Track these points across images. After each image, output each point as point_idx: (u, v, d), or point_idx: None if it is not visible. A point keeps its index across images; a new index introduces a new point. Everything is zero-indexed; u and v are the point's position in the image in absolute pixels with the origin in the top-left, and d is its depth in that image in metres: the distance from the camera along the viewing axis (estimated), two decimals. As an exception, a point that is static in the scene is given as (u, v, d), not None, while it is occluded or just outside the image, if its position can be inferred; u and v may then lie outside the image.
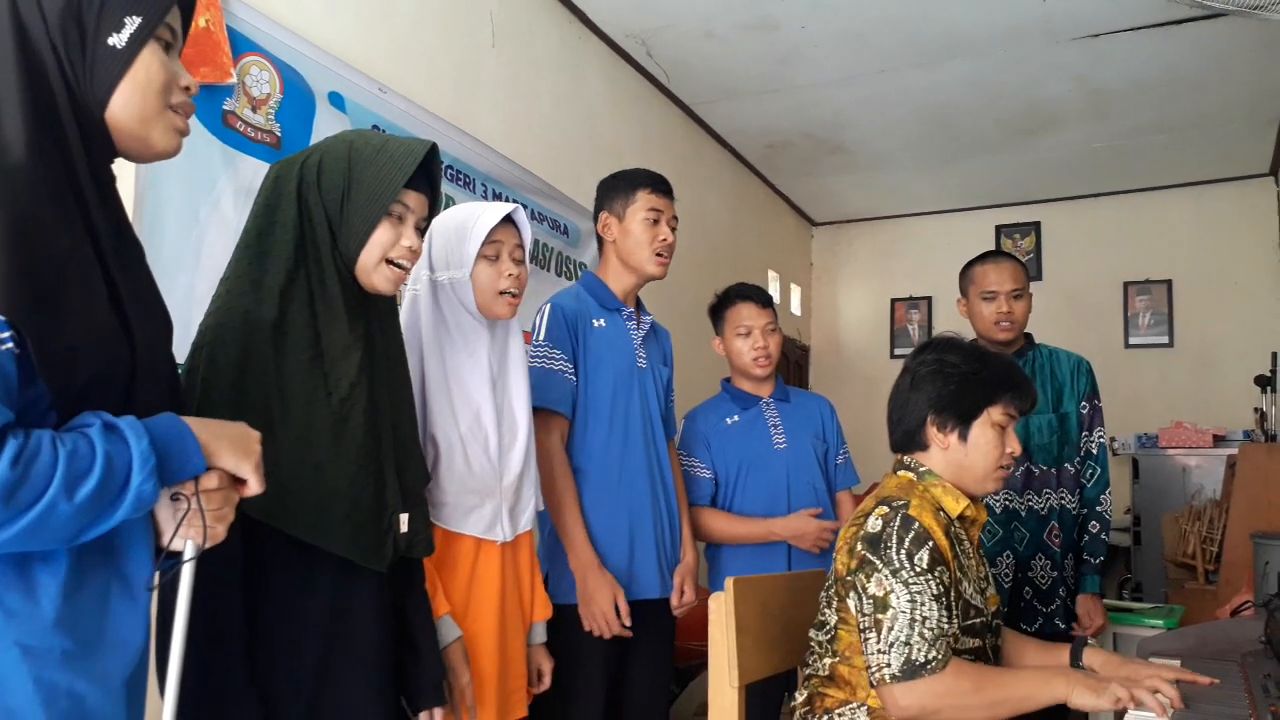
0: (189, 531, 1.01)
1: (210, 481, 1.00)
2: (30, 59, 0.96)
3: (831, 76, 4.28)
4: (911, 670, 1.49)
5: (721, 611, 1.71)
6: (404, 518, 1.43)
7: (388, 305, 1.51)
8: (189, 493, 0.99)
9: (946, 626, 1.54)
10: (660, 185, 2.27)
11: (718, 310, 2.62)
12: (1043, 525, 2.54)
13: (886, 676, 1.51)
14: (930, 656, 1.50)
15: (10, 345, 0.86)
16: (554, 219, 3.50)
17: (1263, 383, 4.48)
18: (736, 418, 2.56)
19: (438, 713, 1.50)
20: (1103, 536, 2.55)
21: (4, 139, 0.92)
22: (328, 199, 1.38)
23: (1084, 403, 2.60)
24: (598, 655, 2.04)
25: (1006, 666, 1.79)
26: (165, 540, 1.01)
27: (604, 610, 2.01)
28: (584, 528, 2.06)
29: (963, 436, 1.70)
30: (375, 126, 2.62)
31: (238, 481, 1.05)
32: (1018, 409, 1.73)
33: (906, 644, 1.50)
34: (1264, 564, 2.30)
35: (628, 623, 2.04)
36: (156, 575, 1.03)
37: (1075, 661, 1.71)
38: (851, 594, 1.61)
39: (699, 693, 3.43)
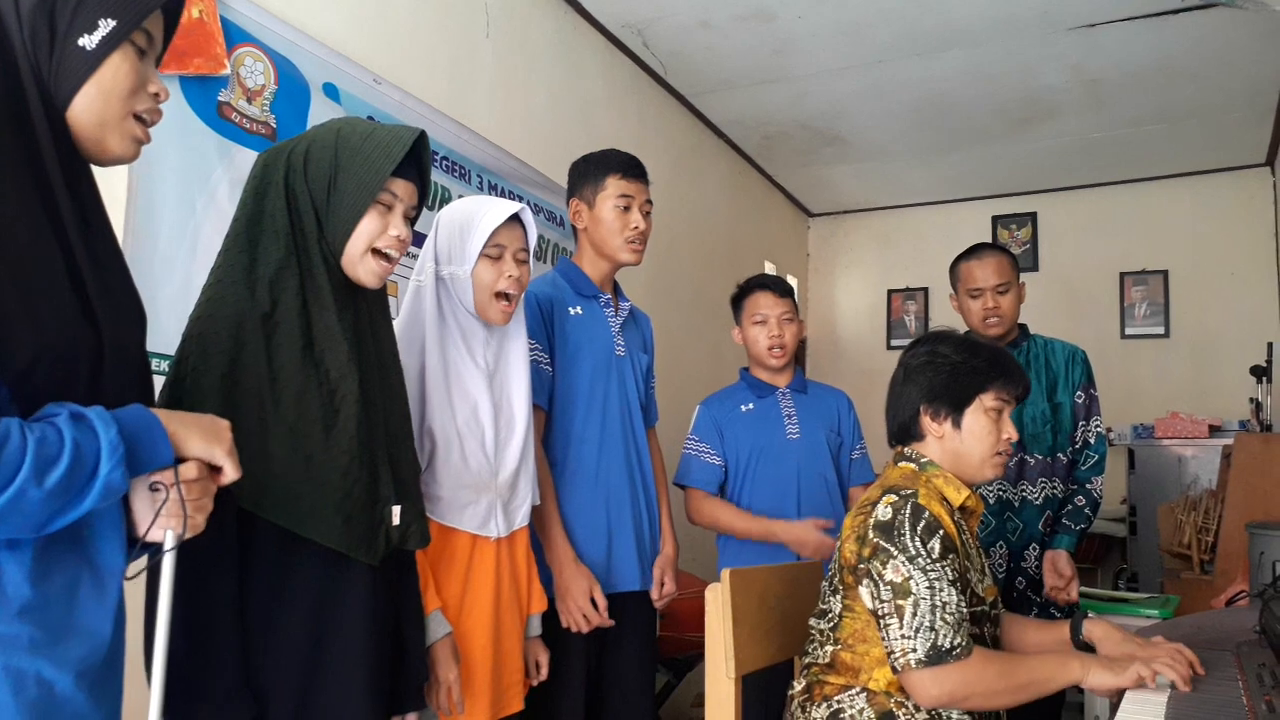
0: (169, 522, 1.00)
1: (190, 471, 1.00)
2: (2, 48, 0.95)
3: (828, 67, 4.27)
4: (938, 655, 1.51)
5: (718, 602, 1.72)
6: (396, 510, 1.42)
7: (377, 295, 1.49)
8: (168, 482, 0.99)
9: (964, 611, 1.56)
10: (631, 170, 2.20)
11: (737, 300, 2.63)
12: (1037, 515, 2.54)
13: (912, 661, 1.52)
14: (955, 643, 1.52)
15: None
16: (550, 210, 3.49)
17: (1258, 373, 4.47)
18: (751, 405, 2.56)
19: (411, 718, 1.50)
20: (1087, 511, 2.52)
21: None
22: (314, 187, 1.36)
23: (1080, 392, 2.60)
24: (577, 649, 2.02)
25: (1008, 647, 1.81)
26: (141, 531, 1.01)
27: (580, 605, 1.98)
28: (560, 522, 2.03)
29: (956, 424, 1.74)
30: (370, 117, 2.60)
31: (215, 471, 1.05)
32: (1010, 395, 1.76)
33: (932, 629, 1.52)
34: (1259, 554, 2.30)
35: (605, 615, 2.01)
36: (132, 564, 1.03)
37: (1075, 635, 1.73)
38: (865, 581, 1.61)
39: (696, 684, 3.43)
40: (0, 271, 0.89)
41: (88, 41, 0.98)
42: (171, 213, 2.08)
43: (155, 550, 1.04)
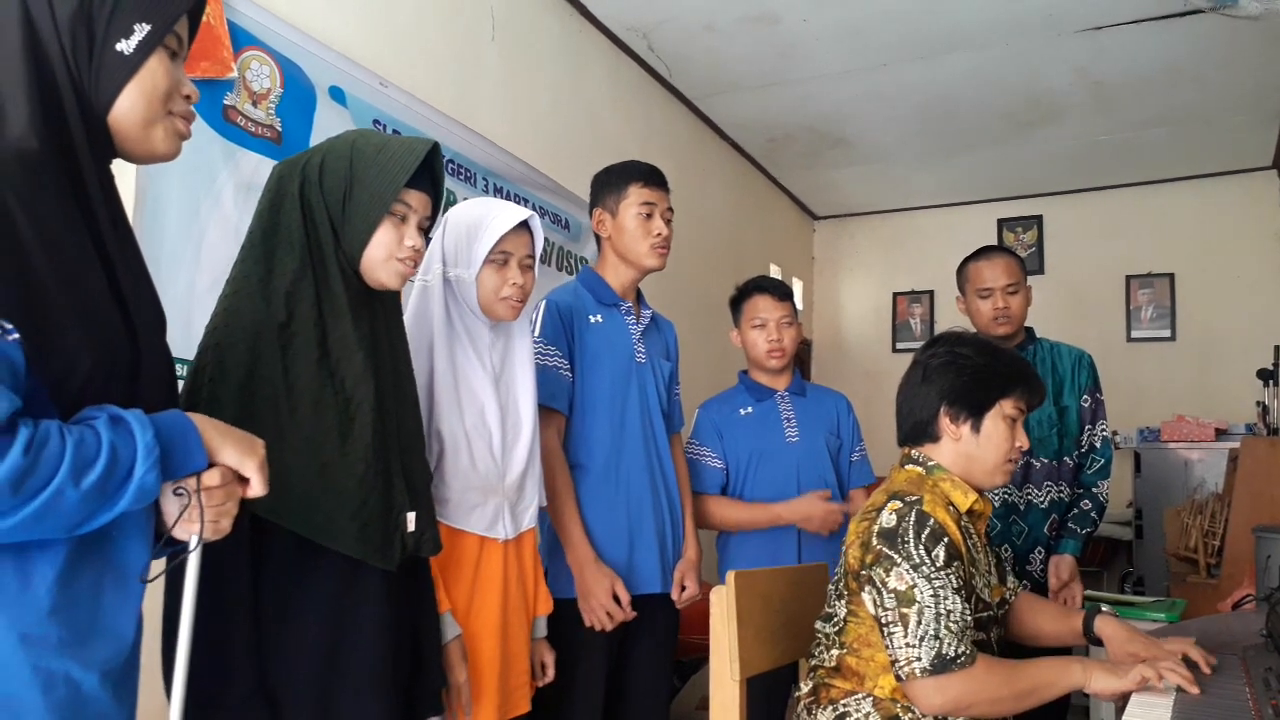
0: (191, 526, 1.01)
1: (212, 478, 1.01)
2: (39, 58, 0.97)
3: (833, 70, 4.27)
4: (942, 664, 1.50)
5: (723, 605, 1.72)
6: (410, 516, 1.42)
7: (392, 303, 1.50)
8: (191, 488, 1.00)
9: (969, 619, 1.55)
10: (653, 178, 2.24)
11: (736, 302, 2.63)
12: (1042, 519, 2.54)
13: (917, 670, 1.51)
14: (960, 651, 1.51)
15: (16, 336, 0.87)
16: (555, 213, 3.50)
17: (1265, 376, 4.47)
18: (750, 409, 2.56)
19: None
20: (1093, 515, 2.53)
21: (10, 136, 0.94)
22: (330, 198, 1.38)
23: (1085, 396, 2.60)
24: (597, 649, 2.05)
25: (1020, 632, 1.82)
26: (168, 529, 1.02)
27: (602, 603, 2.01)
28: (581, 523, 2.06)
29: (975, 428, 1.72)
30: (376, 121, 2.61)
31: (242, 481, 1.06)
32: (1028, 403, 1.76)
33: (936, 638, 1.51)
34: (1265, 557, 2.30)
35: (629, 609, 2.03)
36: (153, 565, 1.04)
37: (1087, 631, 1.73)
38: (868, 588, 1.61)
39: (701, 686, 3.43)
40: (51, 282, 0.91)
41: (125, 46, 1.00)
42: (176, 217, 2.08)
43: (178, 551, 1.05)
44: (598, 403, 2.14)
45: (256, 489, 1.06)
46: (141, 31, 1.01)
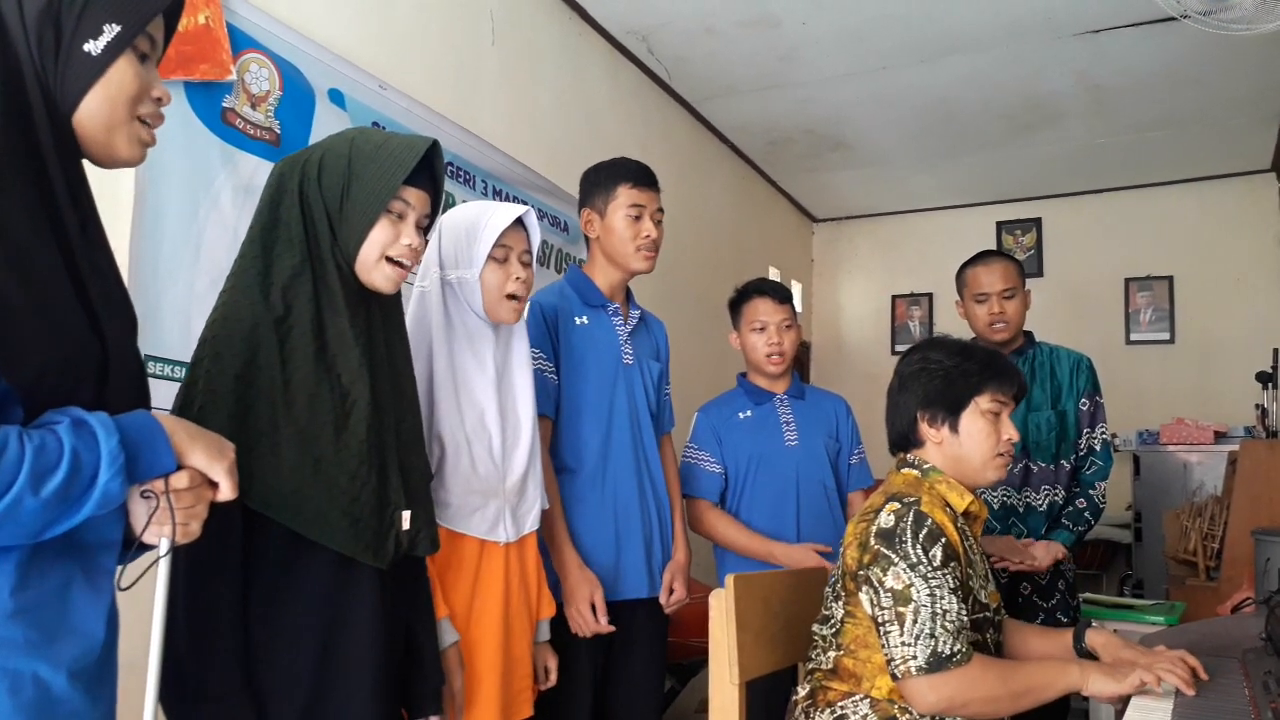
0: (161, 529, 1.00)
1: (180, 481, 1.00)
2: (6, 56, 0.96)
3: (832, 73, 4.27)
4: (938, 662, 1.50)
5: (722, 608, 1.71)
6: (406, 515, 1.42)
7: (391, 301, 1.49)
8: (159, 491, 0.99)
9: (965, 619, 1.55)
10: (642, 178, 2.21)
11: (735, 305, 2.61)
12: (1041, 522, 2.54)
13: (913, 669, 1.51)
14: (955, 649, 1.51)
15: None
16: (554, 215, 3.50)
17: (1264, 379, 4.46)
18: (749, 412, 2.55)
19: None
20: (1087, 514, 2.51)
21: None
22: (328, 195, 1.37)
23: (1084, 400, 2.60)
24: (583, 654, 2.02)
25: (1010, 654, 1.81)
26: (138, 533, 1.01)
27: (580, 610, 1.99)
28: (566, 528, 2.04)
29: (954, 429, 1.73)
30: (375, 123, 2.61)
31: (212, 484, 1.04)
32: (1006, 396, 1.76)
33: (932, 636, 1.51)
34: (1265, 560, 2.30)
35: (604, 621, 2.01)
36: (128, 572, 1.02)
37: (1078, 643, 1.72)
38: (865, 588, 1.61)
39: (700, 689, 3.43)
40: (16, 284, 0.89)
41: (93, 47, 0.98)
42: (175, 218, 2.08)
43: (149, 552, 1.04)
44: (584, 406, 2.11)
45: (226, 493, 1.05)
46: (110, 32, 0.99)
